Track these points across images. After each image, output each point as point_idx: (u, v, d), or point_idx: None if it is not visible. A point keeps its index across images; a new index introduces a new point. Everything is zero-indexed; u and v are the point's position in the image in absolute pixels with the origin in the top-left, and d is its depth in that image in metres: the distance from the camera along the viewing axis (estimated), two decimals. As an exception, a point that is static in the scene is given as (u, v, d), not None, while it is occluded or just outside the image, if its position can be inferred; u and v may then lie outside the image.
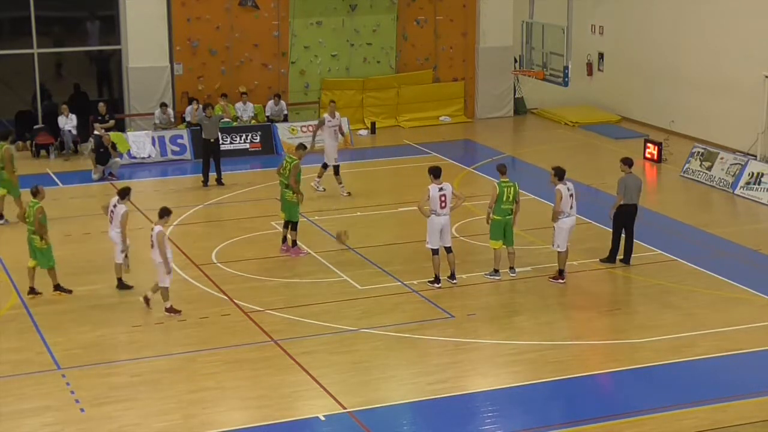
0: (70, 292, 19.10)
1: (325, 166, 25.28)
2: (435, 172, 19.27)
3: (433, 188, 19.10)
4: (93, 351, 16.86)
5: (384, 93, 32.68)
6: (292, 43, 31.78)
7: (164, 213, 18.28)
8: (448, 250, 19.41)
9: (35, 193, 19.09)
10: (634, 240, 20.71)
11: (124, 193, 19.41)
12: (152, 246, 18.14)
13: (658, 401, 15.14)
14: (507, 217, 19.58)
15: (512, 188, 19.54)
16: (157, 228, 18.06)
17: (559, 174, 19.50)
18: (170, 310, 18.30)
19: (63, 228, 22.87)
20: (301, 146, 21.74)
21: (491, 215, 19.57)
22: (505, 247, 19.76)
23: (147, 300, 18.46)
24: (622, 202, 20.33)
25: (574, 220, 19.59)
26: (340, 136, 25.87)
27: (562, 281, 19.61)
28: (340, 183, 25.24)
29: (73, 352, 16.76)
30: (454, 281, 19.57)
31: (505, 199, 19.47)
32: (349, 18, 32.22)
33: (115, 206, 19.25)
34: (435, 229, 19.13)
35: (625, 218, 20.44)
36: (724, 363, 16.50)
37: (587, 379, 16.00)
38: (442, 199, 19.06)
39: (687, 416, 14.73)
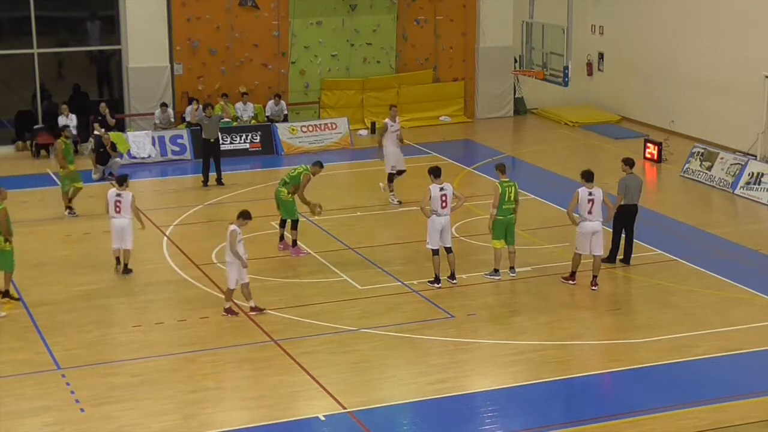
0: (17, 299, 18.65)
1: (391, 176, 24.59)
2: (435, 172, 19.26)
3: (435, 188, 19.08)
4: (93, 351, 16.84)
5: (384, 93, 32.62)
6: (292, 43, 31.77)
7: (240, 215, 17.94)
8: (448, 250, 19.40)
9: None
10: (634, 240, 20.72)
11: (122, 180, 19.66)
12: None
13: (658, 401, 15.13)
14: (509, 216, 19.58)
15: (513, 187, 19.55)
16: (231, 227, 17.82)
17: (584, 176, 19.40)
18: (255, 309, 18.08)
19: (63, 228, 22.90)
20: (319, 164, 21.23)
21: (495, 216, 19.56)
22: (506, 246, 19.78)
23: (230, 311, 18.07)
24: (622, 203, 20.33)
25: (596, 226, 19.16)
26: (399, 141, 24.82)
27: (572, 282, 19.58)
28: (392, 191, 24.60)
29: (73, 352, 16.74)
30: (454, 281, 19.56)
31: (506, 198, 19.46)
32: (349, 18, 32.20)
33: (119, 195, 19.44)
34: (435, 229, 19.12)
35: (625, 218, 20.43)
36: (724, 363, 16.48)
37: (587, 379, 15.99)
38: (443, 199, 19.05)
39: (687, 416, 14.72)
